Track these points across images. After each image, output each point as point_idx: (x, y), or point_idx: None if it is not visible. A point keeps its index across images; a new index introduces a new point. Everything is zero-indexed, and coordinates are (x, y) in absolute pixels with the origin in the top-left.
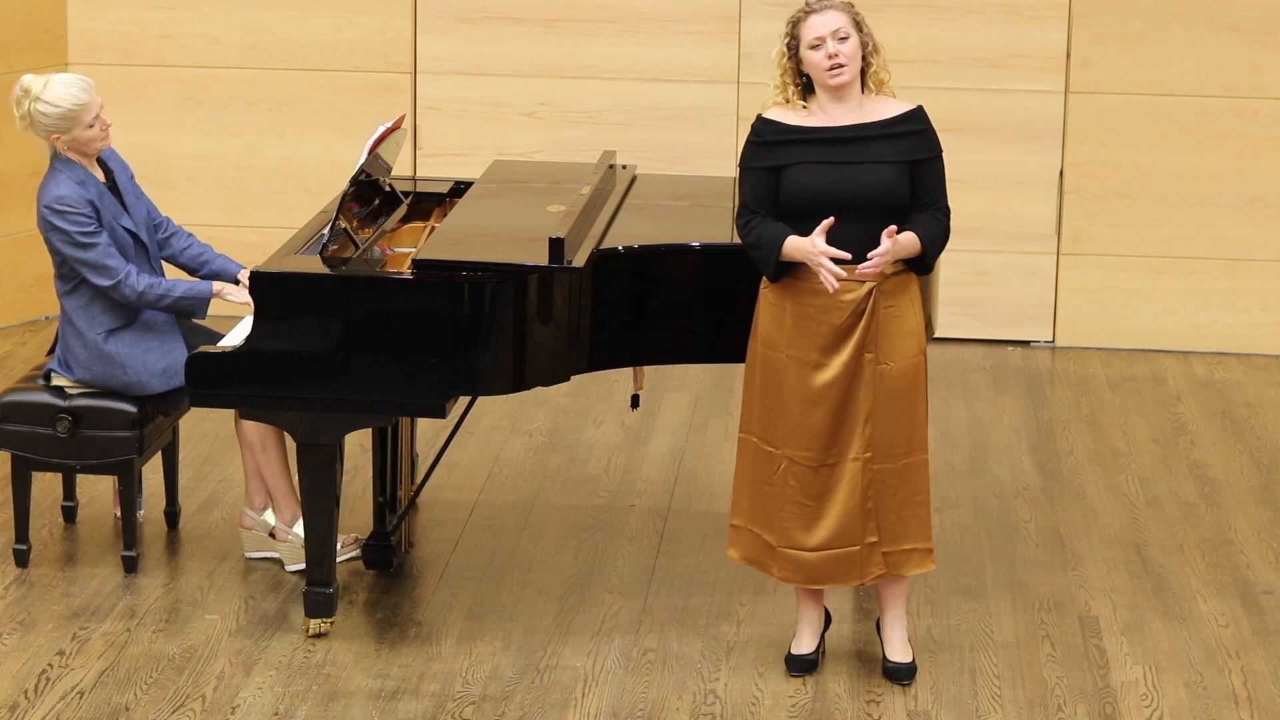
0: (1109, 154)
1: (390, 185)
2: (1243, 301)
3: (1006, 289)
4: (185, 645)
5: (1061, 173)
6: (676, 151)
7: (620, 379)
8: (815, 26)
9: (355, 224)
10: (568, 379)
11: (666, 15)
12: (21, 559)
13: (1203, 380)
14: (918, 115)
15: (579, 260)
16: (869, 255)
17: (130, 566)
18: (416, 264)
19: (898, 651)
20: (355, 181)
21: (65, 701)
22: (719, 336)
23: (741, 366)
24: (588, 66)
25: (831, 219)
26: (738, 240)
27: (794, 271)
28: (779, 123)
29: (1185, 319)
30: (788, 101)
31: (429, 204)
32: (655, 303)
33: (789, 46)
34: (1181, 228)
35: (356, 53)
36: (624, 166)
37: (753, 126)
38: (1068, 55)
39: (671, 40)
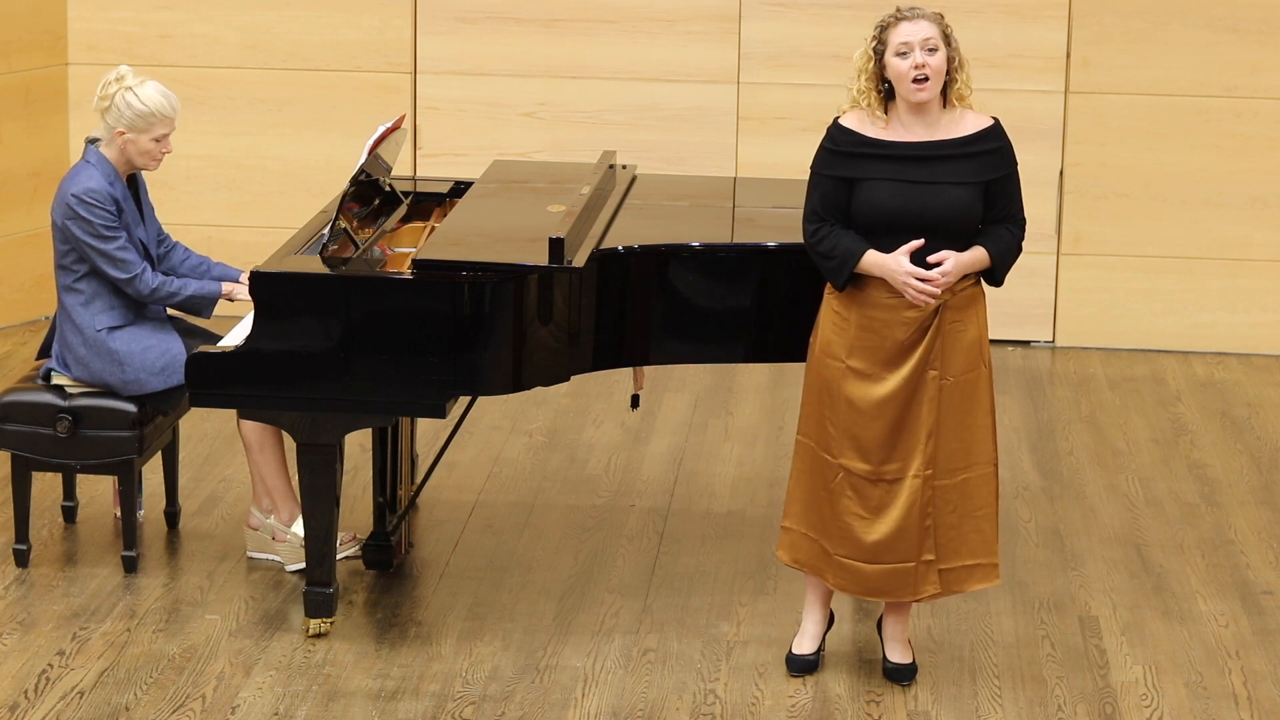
0: (1109, 154)
1: (390, 185)
2: (1243, 301)
3: (1006, 289)
4: (185, 645)
5: (1061, 173)
6: (676, 151)
7: (620, 379)
8: (904, 33)
9: (355, 224)
10: (568, 379)
11: (666, 15)
12: (21, 559)
13: (1203, 380)
14: (994, 132)
15: (579, 260)
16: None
17: (130, 566)
18: (416, 264)
19: (898, 652)
20: (355, 181)
21: (65, 701)
22: (719, 336)
23: (740, 367)
24: (588, 66)
25: (920, 241)
26: (738, 240)
27: (860, 283)
28: (855, 132)
29: (1185, 319)
30: (868, 107)
31: (429, 204)
32: (655, 303)
33: (875, 51)
34: (1181, 228)
35: (356, 53)
36: (624, 166)
37: (828, 132)
38: (1068, 55)
39: (671, 40)
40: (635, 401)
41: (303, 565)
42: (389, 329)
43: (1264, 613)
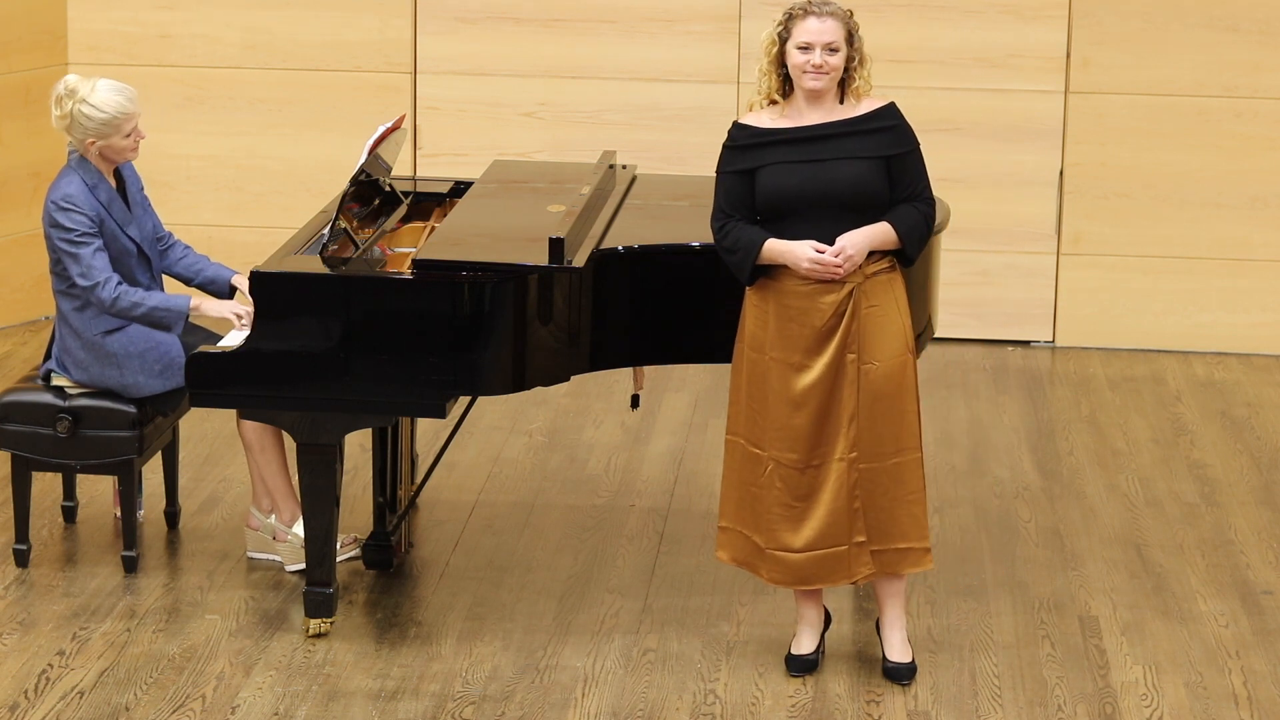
0: (1109, 154)
1: (390, 185)
2: (1243, 301)
3: (1006, 289)
4: (185, 645)
5: (1061, 173)
6: (676, 151)
7: (620, 379)
8: (808, 31)
9: (355, 224)
10: (568, 379)
11: (666, 15)
12: (21, 559)
13: (1203, 380)
14: (889, 111)
15: (579, 260)
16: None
17: (130, 566)
18: (416, 264)
19: (897, 651)
20: (355, 181)
21: (65, 701)
22: (719, 337)
23: None
24: (588, 66)
25: (826, 246)
26: None
27: (773, 274)
28: (752, 127)
29: (1185, 319)
30: (769, 96)
31: (429, 204)
32: (655, 303)
33: (780, 37)
34: (1181, 228)
35: (356, 53)
36: (624, 166)
37: (729, 132)
38: (1068, 55)
39: (671, 40)
40: (635, 401)
41: (303, 566)
42: (389, 329)
43: (1264, 613)
